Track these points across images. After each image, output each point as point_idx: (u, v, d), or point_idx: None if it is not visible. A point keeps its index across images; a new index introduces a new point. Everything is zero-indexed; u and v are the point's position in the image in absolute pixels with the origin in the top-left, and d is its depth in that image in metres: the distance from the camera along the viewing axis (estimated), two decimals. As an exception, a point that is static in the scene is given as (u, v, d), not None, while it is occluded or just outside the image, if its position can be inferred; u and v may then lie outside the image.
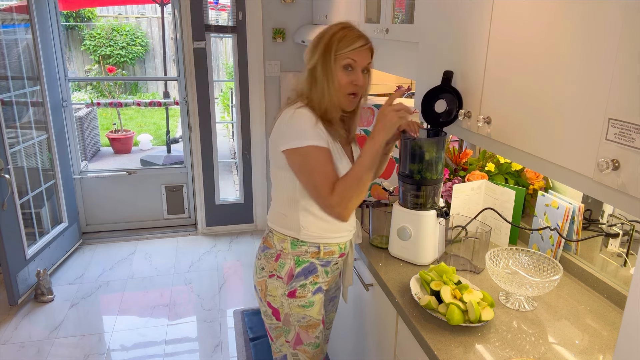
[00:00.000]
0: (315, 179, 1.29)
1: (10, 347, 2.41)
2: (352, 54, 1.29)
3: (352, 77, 1.30)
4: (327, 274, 1.44)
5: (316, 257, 1.39)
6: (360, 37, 1.31)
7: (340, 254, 1.45)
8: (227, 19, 3.50)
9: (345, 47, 1.28)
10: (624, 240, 1.26)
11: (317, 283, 1.42)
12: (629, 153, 0.76)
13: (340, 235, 1.42)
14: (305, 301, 1.40)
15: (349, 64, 1.29)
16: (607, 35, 0.80)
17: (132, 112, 8.13)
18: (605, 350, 1.10)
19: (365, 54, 1.31)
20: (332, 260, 1.43)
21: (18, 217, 2.72)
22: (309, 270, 1.39)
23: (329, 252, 1.41)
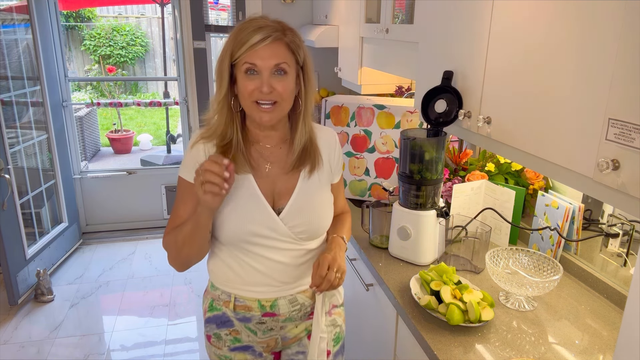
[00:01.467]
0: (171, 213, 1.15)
1: (10, 347, 2.41)
2: (250, 55, 1.00)
3: (257, 83, 1.01)
4: (256, 334, 1.19)
5: (228, 307, 1.17)
6: (260, 29, 0.99)
7: (266, 313, 1.16)
8: (227, 19, 3.51)
9: (240, 46, 1.00)
10: (624, 240, 1.26)
11: (239, 340, 1.19)
12: (629, 153, 0.77)
13: (257, 290, 1.14)
14: (220, 354, 1.21)
15: (248, 68, 1.01)
16: (607, 35, 0.81)
17: (132, 112, 8.13)
18: (605, 350, 1.10)
19: (273, 50, 1.01)
20: (252, 317, 1.16)
21: (18, 217, 2.73)
22: (221, 320, 1.18)
23: (244, 307, 1.16)
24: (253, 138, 1.13)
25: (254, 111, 1.04)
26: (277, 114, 1.05)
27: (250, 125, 1.13)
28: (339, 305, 1.28)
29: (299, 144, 1.12)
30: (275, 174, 1.13)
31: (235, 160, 1.07)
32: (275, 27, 1.02)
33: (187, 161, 1.10)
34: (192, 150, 1.10)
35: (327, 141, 1.20)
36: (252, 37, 0.99)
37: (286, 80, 1.04)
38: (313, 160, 1.14)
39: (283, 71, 1.03)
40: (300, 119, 1.11)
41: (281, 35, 1.02)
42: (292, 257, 1.14)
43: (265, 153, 1.13)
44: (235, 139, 1.08)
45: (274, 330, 1.20)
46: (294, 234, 1.12)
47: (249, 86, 1.02)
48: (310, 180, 1.14)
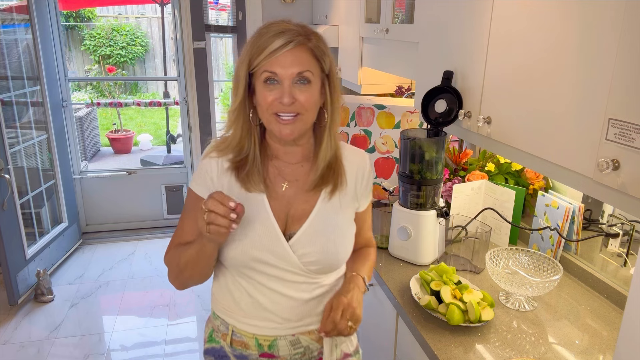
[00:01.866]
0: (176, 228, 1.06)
1: (10, 347, 2.41)
2: (270, 63, 0.90)
3: (277, 93, 0.91)
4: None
5: (225, 341, 1.06)
6: (281, 34, 0.90)
7: (263, 353, 1.04)
8: (227, 19, 3.51)
9: (259, 52, 0.90)
10: (624, 240, 1.26)
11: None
12: (629, 153, 0.77)
13: (254, 324, 1.02)
14: None
15: (268, 77, 0.91)
16: (607, 36, 0.81)
17: (132, 112, 8.14)
18: (605, 350, 1.10)
19: (295, 56, 0.91)
20: (249, 356, 1.05)
21: (18, 217, 2.73)
22: (219, 354, 1.08)
23: (241, 343, 1.04)
24: (272, 153, 1.02)
25: (274, 124, 0.94)
26: (299, 127, 0.94)
27: (269, 140, 1.02)
28: (352, 354, 1.11)
29: (323, 160, 1.00)
30: (292, 194, 1.01)
31: (250, 177, 0.98)
32: (298, 31, 0.91)
33: (199, 174, 1.02)
34: (204, 163, 1.02)
35: (356, 163, 1.06)
36: (272, 42, 0.89)
37: (310, 90, 0.93)
38: (336, 179, 1.01)
39: (306, 80, 0.92)
40: (326, 132, 0.99)
41: (305, 40, 0.92)
42: (299, 291, 1.01)
43: (285, 170, 1.02)
44: (252, 154, 0.98)
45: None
46: (304, 264, 0.99)
47: (268, 97, 0.92)
48: (330, 202, 1.02)
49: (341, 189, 1.02)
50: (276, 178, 1.01)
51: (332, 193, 1.02)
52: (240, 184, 0.98)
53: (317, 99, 0.95)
